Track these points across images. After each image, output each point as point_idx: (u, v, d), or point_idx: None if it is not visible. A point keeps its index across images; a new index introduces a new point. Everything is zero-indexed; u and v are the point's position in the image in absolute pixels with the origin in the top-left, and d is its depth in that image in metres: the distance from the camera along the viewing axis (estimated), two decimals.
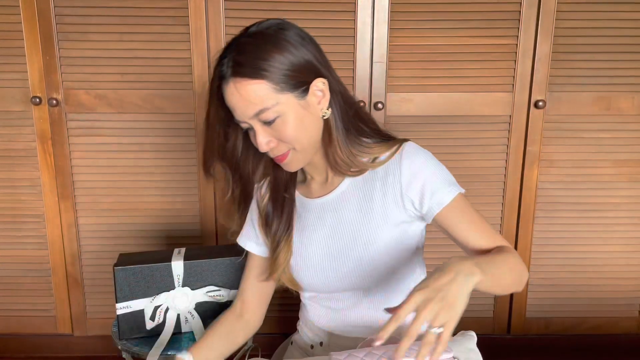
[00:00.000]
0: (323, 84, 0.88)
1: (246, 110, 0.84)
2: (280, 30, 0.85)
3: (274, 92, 0.83)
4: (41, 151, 1.68)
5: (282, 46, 0.83)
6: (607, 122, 1.69)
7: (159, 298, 1.22)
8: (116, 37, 1.60)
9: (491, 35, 1.62)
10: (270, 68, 0.82)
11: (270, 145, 0.88)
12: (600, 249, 1.79)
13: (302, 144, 0.89)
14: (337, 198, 0.97)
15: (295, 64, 0.84)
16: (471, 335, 0.94)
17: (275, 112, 0.84)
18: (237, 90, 0.83)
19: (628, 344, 1.88)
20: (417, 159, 0.92)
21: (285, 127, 0.86)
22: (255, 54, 0.83)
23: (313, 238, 0.99)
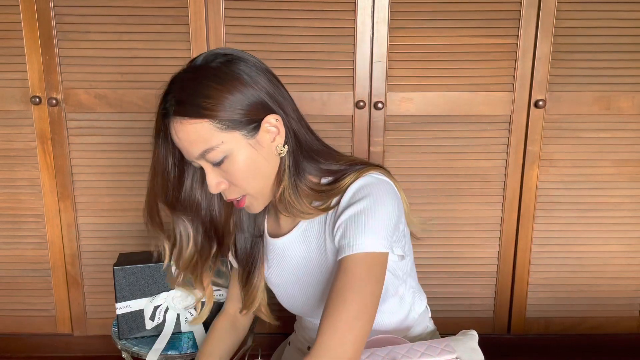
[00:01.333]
0: (276, 120, 0.81)
1: (190, 150, 0.79)
2: (227, 64, 0.79)
3: (218, 131, 0.77)
4: (41, 151, 1.67)
5: (227, 82, 0.77)
6: (608, 121, 1.69)
7: (159, 298, 1.22)
8: (116, 37, 1.60)
9: (491, 35, 1.62)
10: (212, 107, 0.76)
11: (221, 187, 0.82)
12: (600, 248, 1.79)
13: (257, 187, 0.83)
14: (298, 237, 0.93)
15: (242, 101, 0.77)
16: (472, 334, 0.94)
17: (222, 152, 0.78)
18: (179, 129, 0.79)
19: (628, 343, 1.88)
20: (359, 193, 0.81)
21: (234, 167, 0.80)
22: (197, 91, 0.77)
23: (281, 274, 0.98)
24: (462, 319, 1.80)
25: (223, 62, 0.80)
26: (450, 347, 0.82)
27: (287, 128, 0.82)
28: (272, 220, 0.99)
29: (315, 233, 0.90)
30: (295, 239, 0.93)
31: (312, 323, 1.05)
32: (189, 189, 0.90)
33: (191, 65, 0.83)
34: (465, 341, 0.92)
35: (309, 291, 0.95)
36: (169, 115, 0.80)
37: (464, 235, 1.76)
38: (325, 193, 0.84)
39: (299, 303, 0.99)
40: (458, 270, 1.76)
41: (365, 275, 0.74)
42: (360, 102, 1.63)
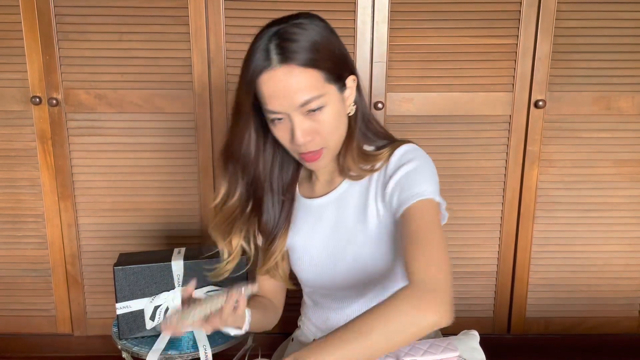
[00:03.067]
0: (353, 80, 0.88)
1: (293, 98, 0.82)
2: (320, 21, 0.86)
3: (324, 82, 0.83)
4: (41, 151, 1.67)
5: (329, 37, 0.85)
6: (607, 121, 1.69)
7: (159, 298, 1.22)
8: (116, 37, 1.60)
9: (491, 35, 1.62)
10: (320, 58, 0.82)
11: (307, 138, 0.85)
12: (600, 248, 1.79)
13: (335, 141, 0.89)
14: (336, 199, 0.97)
15: (338, 56, 0.85)
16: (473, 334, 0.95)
17: (321, 103, 0.83)
18: (287, 77, 0.81)
19: (628, 343, 1.88)
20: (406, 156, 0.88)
21: (326, 119, 0.84)
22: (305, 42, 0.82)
23: (312, 237, 0.99)
24: (462, 319, 1.80)
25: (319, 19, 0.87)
26: (453, 345, 0.82)
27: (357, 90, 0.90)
28: (306, 183, 1.02)
29: (356, 195, 0.94)
30: (335, 199, 0.96)
31: (328, 299, 1.03)
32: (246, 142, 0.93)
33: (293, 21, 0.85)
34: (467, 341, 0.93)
35: (337, 256, 0.97)
36: (273, 64, 0.81)
37: (464, 235, 1.76)
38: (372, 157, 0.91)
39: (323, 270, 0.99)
40: (458, 270, 1.76)
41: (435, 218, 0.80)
42: None
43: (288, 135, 0.86)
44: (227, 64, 1.62)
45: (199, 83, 1.63)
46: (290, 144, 0.88)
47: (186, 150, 1.69)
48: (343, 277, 0.98)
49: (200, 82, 1.63)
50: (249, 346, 1.35)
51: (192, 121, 1.67)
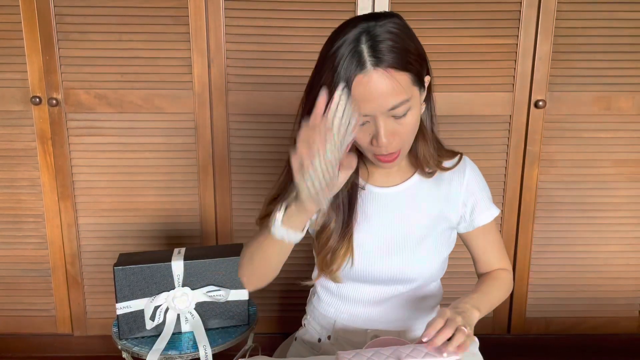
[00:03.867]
0: (428, 81, 0.88)
1: (386, 100, 0.80)
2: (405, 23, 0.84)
3: (413, 85, 0.82)
4: (41, 151, 1.68)
5: (416, 41, 0.84)
6: (607, 121, 1.69)
7: (159, 298, 1.22)
8: (116, 37, 1.60)
9: (491, 35, 1.62)
10: (413, 61, 0.81)
11: (389, 139, 0.84)
12: (600, 248, 1.79)
13: (411, 142, 0.90)
14: (403, 192, 0.98)
15: (422, 57, 0.84)
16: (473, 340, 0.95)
17: (409, 106, 0.82)
18: (384, 79, 0.78)
19: (628, 343, 1.88)
20: (477, 175, 1.01)
21: (409, 122, 0.84)
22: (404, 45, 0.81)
23: (369, 226, 0.97)
24: None
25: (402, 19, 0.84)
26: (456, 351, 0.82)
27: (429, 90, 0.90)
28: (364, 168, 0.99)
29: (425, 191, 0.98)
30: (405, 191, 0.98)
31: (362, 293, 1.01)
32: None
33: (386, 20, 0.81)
34: None
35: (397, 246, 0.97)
36: (367, 66, 0.78)
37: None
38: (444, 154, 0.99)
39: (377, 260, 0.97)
40: (458, 270, 1.76)
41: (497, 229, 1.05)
42: None
43: (368, 137, 0.84)
44: (227, 64, 1.62)
45: (199, 83, 1.63)
46: (370, 145, 0.85)
47: (186, 150, 1.69)
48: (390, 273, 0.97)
49: (200, 82, 1.63)
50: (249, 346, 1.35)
51: (192, 121, 1.67)
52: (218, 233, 1.76)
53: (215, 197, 1.73)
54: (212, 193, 1.72)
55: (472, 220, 1.00)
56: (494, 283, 1.01)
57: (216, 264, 1.24)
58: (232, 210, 1.74)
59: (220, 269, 1.24)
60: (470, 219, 1.00)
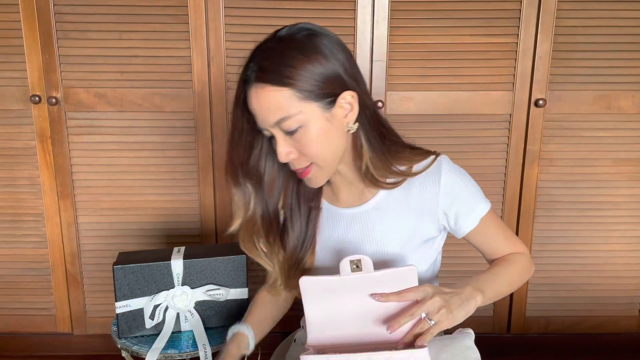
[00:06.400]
0: (352, 97, 0.84)
1: (267, 117, 0.82)
2: (311, 37, 0.82)
3: (298, 100, 0.80)
4: (40, 150, 1.67)
5: (310, 54, 0.80)
6: (608, 120, 1.69)
7: (159, 297, 1.22)
8: (116, 36, 1.60)
9: (491, 34, 1.62)
10: (295, 76, 0.79)
11: (290, 157, 0.85)
12: (600, 247, 1.79)
13: (325, 159, 0.86)
14: (369, 210, 0.94)
15: (322, 74, 0.81)
16: (468, 332, 0.94)
17: (298, 122, 0.81)
18: (259, 96, 0.81)
19: (628, 343, 1.88)
20: (456, 177, 0.93)
21: (307, 138, 0.82)
22: (281, 60, 0.80)
23: (338, 248, 0.96)
24: None
25: (307, 35, 0.82)
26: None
27: (361, 105, 0.85)
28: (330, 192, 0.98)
29: (393, 204, 0.93)
30: (372, 209, 0.94)
31: None
32: (256, 158, 0.92)
33: (275, 36, 0.84)
34: (461, 339, 0.92)
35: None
36: (250, 81, 0.82)
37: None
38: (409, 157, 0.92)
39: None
40: (458, 270, 1.76)
41: (495, 217, 0.98)
42: None
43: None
44: (227, 63, 1.62)
45: (199, 82, 1.63)
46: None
47: (186, 149, 1.69)
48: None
49: (200, 81, 1.63)
50: None
51: (191, 120, 1.66)
52: (218, 232, 1.76)
53: (215, 196, 1.72)
54: (212, 192, 1.72)
55: (457, 228, 0.95)
56: (503, 265, 0.95)
57: (216, 263, 1.24)
58: (232, 210, 1.74)
59: (220, 268, 1.24)
60: (456, 228, 0.95)
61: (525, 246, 1.01)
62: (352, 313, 0.83)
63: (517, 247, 0.99)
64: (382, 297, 0.80)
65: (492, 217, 0.96)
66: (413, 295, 0.80)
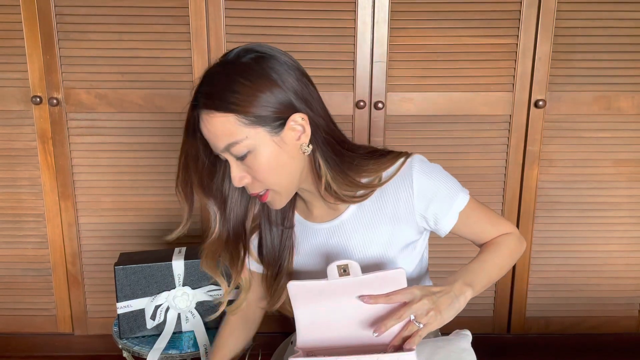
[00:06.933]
0: (302, 119, 0.82)
1: (216, 143, 0.81)
2: (258, 60, 0.80)
3: (243, 126, 0.79)
4: (41, 150, 1.68)
5: (256, 79, 0.79)
6: (608, 121, 1.69)
7: (160, 297, 1.22)
8: (116, 37, 1.60)
9: (491, 35, 1.62)
10: (239, 102, 0.78)
11: (244, 182, 0.84)
12: (600, 248, 1.79)
13: (280, 184, 0.84)
14: (344, 223, 0.94)
15: (267, 99, 0.79)
16: (465, 334, 0.93)
17: (246, 147, 0.80)
18: (207, 122, 0.80)
19: (628, 343, 1.88)
20: (429, 178, 0.90)
21: (257, 163, 0.81)
22: (225, 86, 0.79)
23: (318, 262, 0.96)
24: (462, 318, 1.79)
25: (254, 58, 0.81)
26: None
27: (313, 127, 0.83)
28: (303, 207, 0.98)
29: (368, 213, 0.92)
30: (345, 222, 0.93)
31: None
32: (220, 180, 0.91)
33: (222, 60, 0.83)
34: (457, 341, 0.90)
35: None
36: (198, 107, 0.82)
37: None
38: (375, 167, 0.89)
39: None
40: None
41: (476, 205, 0.97)
42: (361, 102, 1.63)
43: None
44: None
45: None
46: None
47: None
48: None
49: None
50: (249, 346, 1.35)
51: None
52: None
53: None
54: None
55: (438, 229, 0.94)
56: (492, 249, 0.94)
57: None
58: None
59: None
60: (437, 228, 0.94)
61: (513, 225, 1.00)
62: (341, 317, 0.82)
63: (504, 228, 0.98)
64: (371, 299, 0.80)
65: (473, 206, 0.95)
66: (401, 297, 0.79)
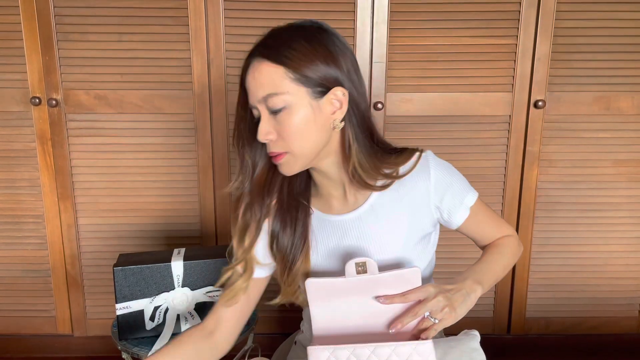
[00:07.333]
0: (343, 94, 0.84)
1: (257, 91, 0.83)
2: (319, 30, 0.85)
3: (289, 81, 0.81)
4: (41, 151, 1.68)
5: (315, 44, 0.83)
6: (607, 121, 1.69)
7: (159, 298, 1.22)
8: (115, 38, 1.60)
9: (491, 35, 1.62)
10: (293, 57, 0.81)
11: (269, 137, 0.84)
12: (600, 248, 1.79)
13: (301, 148, 0.85)
14: (364, 214, 0.93)
15: (321, 65, 0.82)
16: (474, 334, 0.95)
17: (283, 101, 0.82)
18: (254, 69, 0.83)
19: (628, 343, 1.88)
20: (444, 171, 0.93)
21: (289, 120, 0.82)
22: (285, 42, 0.82)
23: (336, 255, 0.95)
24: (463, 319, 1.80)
25: (318, 28, 0.86)
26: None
27: (351, 106, 0.86)
28: (320, 199, 0.97)
29: (387, 206, 0.93)
30: (365, 213, 0.94)
31: None
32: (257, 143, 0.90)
33: (290, 24, 0.87)
34: (467, 341, 0.92)
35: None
36: (252, 55, 0.84)
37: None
38: (395, 160, 0.91)
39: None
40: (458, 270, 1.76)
41: (483, 205, 1.00)
42: None
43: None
44: (226, 65, 1.62)
45: (199, 84, 1.63)
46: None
47: (186, 151, 1.69)
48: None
49: (200, 82, 1.63)
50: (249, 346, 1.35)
51: (191, 122, 1.67)
52: (218, 233, 1.76)
53: (215, 197, 1.73)
54: (212, 194, 1.72)
55: (451, 220, 0.97)
56: (496, 251, 0.99)
57: (216, 264, 1.24)
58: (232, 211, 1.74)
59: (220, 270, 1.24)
60: (449, 220, 0.97)
61: (512, 228, 1.05)
62: (357, 313, 0.84)
63: (505, 230, 1.03)
64: (387, 299, 0.82)
65: (481, 205, 0.99)
66: (416, 295, 0.81)
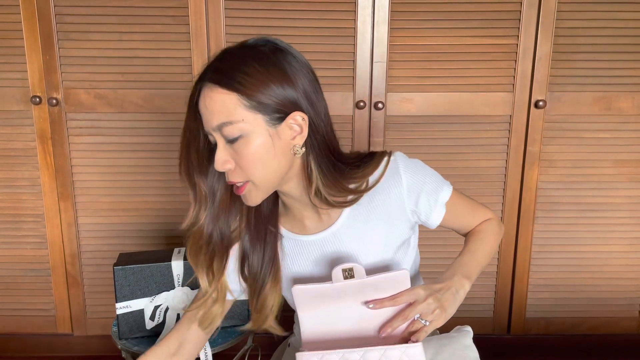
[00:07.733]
0: (302, 119, 0.80)
1: (211, 119, 0.79)
2: (273, 50, 0.80)
3: (243, 108, 0.77)
4: (41, 151, 1.68)
5: (269, 67, 0.77)
6: (608, 122, 1.69)
7: (159, 298, 1.22)
8: (116, 37, 1.60)
9: (491, 35, 1.62)
10: (246, 83, 0.76)
11: (227, 167, 0.80)
12: (600, 249, 1.79)
13: (262, 178, 0.81)
14: (339, 231, 0.91)
15: (275, 90, 0.77)
16: (467, 330, 0.94)
17: (239, 130, 0.77)
18: (206, 96, 0.78)
19: (628, 344, 1.88)
20: (415, 171, 0.90)
21: (247, 150, 0.78)
22: (237, 66, 0.78)
23: (317, 272, 0.94)
24: (462, 319, 1.80)
25: (272, 48, 0.80)
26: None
27: (312, 130, 0.81)
28: (290, 220, 0.95)
29: (362, 217, 0.91)
30: (339, 229, 0.91)
31: None
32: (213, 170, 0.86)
33: (241, 44, 0.82)
34: (459, 338, 0.92)
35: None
36: (203, 80, 0.80)
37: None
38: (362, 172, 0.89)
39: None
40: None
41: (459, 196, 0.99)
42: (361, 103, 1.63)
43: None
44: None
45: None
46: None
47: None
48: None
49: None
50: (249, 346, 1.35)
51: None
52: None
53: None
54: None
55: (428, 222, 0.95)
56: (478, 238, 0.99)
57: None
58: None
59: None
60: (427, 221, 0.95)
61: (491, 210, 1.05)
62: (346, 318, 0.83)
63: (483, 215, 1.02)
64: (377, 304, 0.81)
65: (456, 197, 0.97)
66: (405, 298, 0.80)
